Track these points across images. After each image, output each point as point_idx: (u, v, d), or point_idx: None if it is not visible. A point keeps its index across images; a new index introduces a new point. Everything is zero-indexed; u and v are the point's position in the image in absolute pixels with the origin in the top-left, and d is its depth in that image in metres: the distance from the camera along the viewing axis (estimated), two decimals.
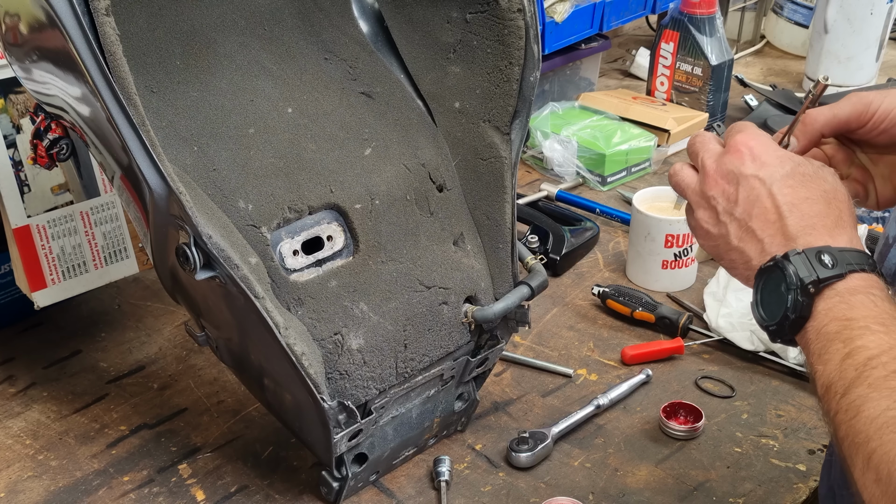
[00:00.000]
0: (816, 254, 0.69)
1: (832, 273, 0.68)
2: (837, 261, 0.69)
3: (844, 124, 0.80)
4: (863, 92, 0.80)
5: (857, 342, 0.65)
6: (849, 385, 0.64)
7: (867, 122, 0.79)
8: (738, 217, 0.75)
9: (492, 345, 1.01)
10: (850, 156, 0.84)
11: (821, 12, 1.89)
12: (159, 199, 0.77)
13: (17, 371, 1.16)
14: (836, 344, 0.66)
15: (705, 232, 0.78)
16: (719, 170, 0.76)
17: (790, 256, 0.70)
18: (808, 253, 0.69)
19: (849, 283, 0.68)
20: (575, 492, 0.98)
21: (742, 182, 0.75)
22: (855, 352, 0.65)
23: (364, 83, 1.00)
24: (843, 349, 0.66)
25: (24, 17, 0.77)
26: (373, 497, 0.98)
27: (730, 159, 0.76)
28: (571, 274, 1.36)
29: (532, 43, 0.94)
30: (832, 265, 0.68)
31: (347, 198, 0.92)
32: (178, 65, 0.90)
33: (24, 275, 1.08)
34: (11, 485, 0.99)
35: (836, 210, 0.73)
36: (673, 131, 1.65)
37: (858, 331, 0.66)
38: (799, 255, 0.69)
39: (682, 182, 0.80)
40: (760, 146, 0.75)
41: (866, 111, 0.79)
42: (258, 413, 1.09)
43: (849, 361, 0.65)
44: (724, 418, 1.09)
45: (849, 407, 0.63)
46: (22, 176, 1.06)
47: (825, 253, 0.69)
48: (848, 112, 0.79)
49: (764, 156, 0.75)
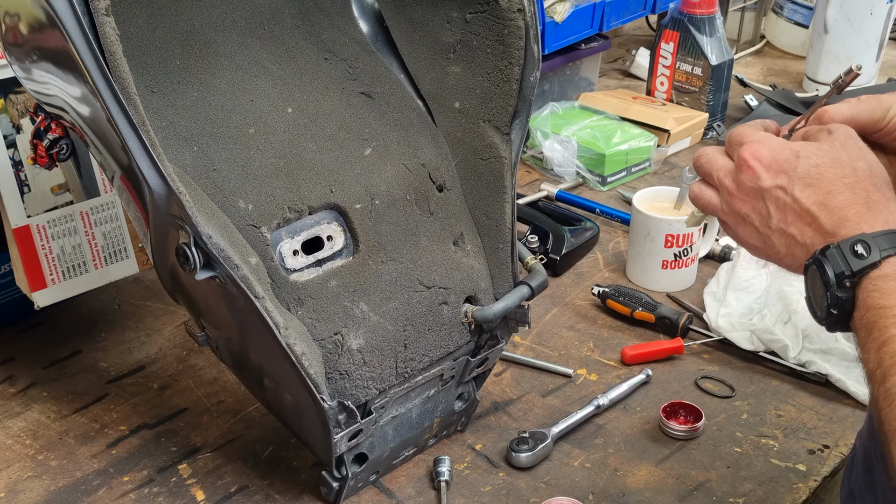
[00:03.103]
0: (851, 246, 0.69)
1: (866, 263, 0.69)
2: (871, 248, 0.69)
3: (862, 127, 0.80)
4: (882, 96, 0.80)
5: (893, 330, 0.66)
6: (885, 373, 0.65)
7: (884, 127, 0.79)
8: (775, 228, 0.76)
9: (492, 345, 1.01)
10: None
11: (821, 12, 1.90)
12: (159, 199, 0.77)
13: (17, 371, 1.16)
14: (873, 332, 0.67)
15: (753, 247, 0.79)
16: (741, 189, 0.77)
17: (826, 252, 0.70)
18: (843, 245, 0.70)
19: (883, 269, 0.68)
20: (575, 492, 0.98)
21: (766, 196, 0.75)
22: (891, 340, 0.66)
23: (364, 83, 1.00)
24: (880, 337, 0.66)
25: (24, 17, 0.77)
26: (373, 497, 0.98)
27: (746, 177, 0.76)
28: (571, 274, 1.36)
29: (532, 43, 0.94)
30: (866, 254, 0.69)
31: (347, 198, 0.92)
32: (178, 65, 0.90)
33: (24, 275, 1.08)
34: (11, 485, 0.99)
35: (863, 192, 0.72)
36: (673, 131, 1.65)
37: (893, 318, 0.66)
38: (834, 248, 0.70)
39: (710, 205, 0.81)
40: (767, 153, 0.76)
41: (884, 116, 0.79)
42: (258, 413, 1.09)
43: (885, 349, 0.66)
44: (724, 418, 1.09)
45: (886, 395, 0.64)
46: (22, 176, 1.06)
47: (859, 243, 0.69)
48: (866, 116, 0.79)
49: (774, 163, 0.75)
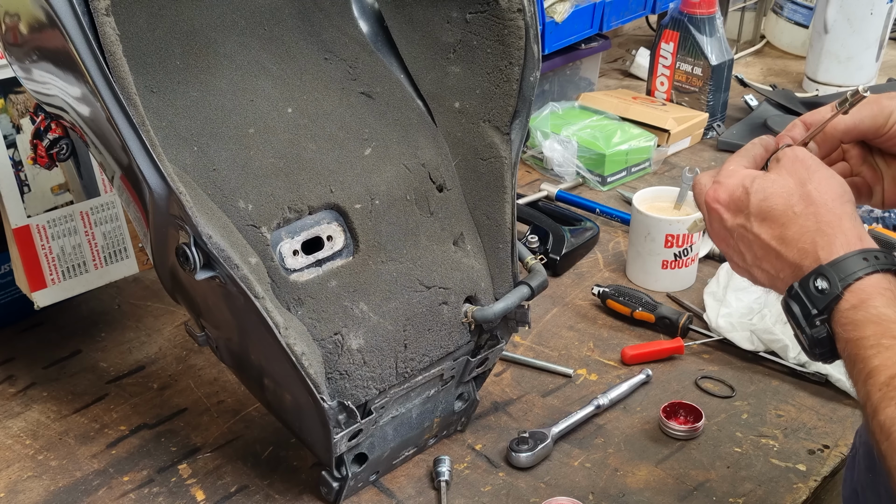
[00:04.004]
0: (812, 282, 0.69)
1: (828, 299, 0.68)
2: (830, 281, 0.68)
3: (863, 133, 0.80)
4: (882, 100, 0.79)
5: (874, 362, 0.65)
6: (876, 407, 0.64)
7: (886, 132, 0.79)
8: (752, 264, 0.76)
9: (492, 345, 1.01)
10: (864, 155, 0.84)
11: (821, 12, 1.90)
12: (159, 199, 0.77)
13: (17, 371, 1.16)
14: (857, 365, 0.66)
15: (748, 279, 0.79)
16: (713, 228, 0.79)
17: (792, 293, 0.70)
18: (802, 284, 0.69)
19: (849, 299, 0.68)
20: (575, 492, 0.98)
21: (734, 233, 0.76)
22: (874, 372, 0.65)
23: (364, 83, 1.00)
24: (864, 369, 0.66)
25: (24, 17, 0.77)
26: (373, 497, 0.98)
27: (712, 218, 0.78)
28: (571, 274, 1.36)
29: (532, 43, 0.94)
30: (827, 288, 0.68)
31: (347, 198, 0.92)
32: (178, 65, 0.90)
33: (24, 275, 1.08)
34: (11, 485, 0.99)
35: (813, 217, 0.72)
36: (673, 131, 1.65)
37: (871, 350, 0.65)
38: (794, 291, 0.70)
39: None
40: (724, 194, 0.76)
41: (886, 122, 0.79)
42: (258, 413, 1.09)
43: (871, 382, 0.65)
44: (724, 418, 1.09)
45: (880, 429, 0.63)
46: (22, 176, 1.06)
47: (818, 277, 0.68)
48: (868, 123, 0.79)
49: (731, 202, 0.76)
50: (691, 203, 1.29)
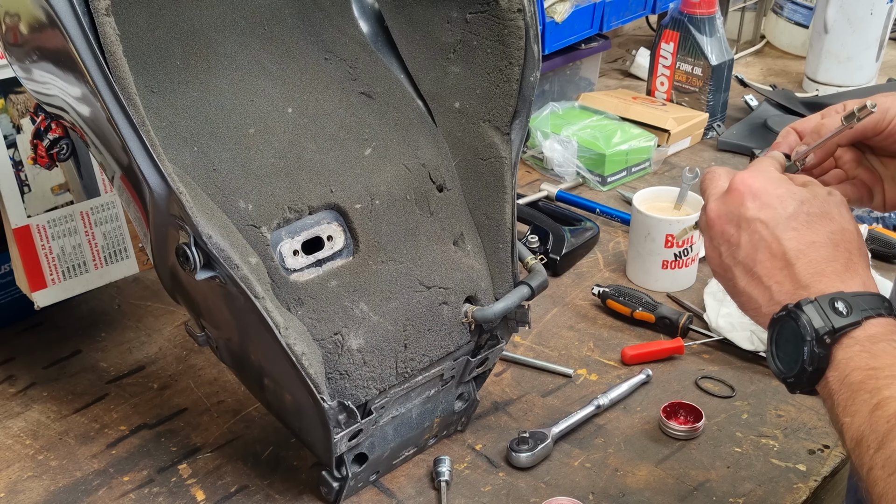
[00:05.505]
0: (830, 301, 0.66)
1: (848, 321, 0.66)
2: (852, 307, 0.66)
3: (861, 134, 0.79)
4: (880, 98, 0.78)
5: (885, 392, 0.62)
6: (882, 439, 0.61)
7: (883, 131, 0.78)
8: (741, 261, 0.73)
9: (492, 345, 1.01)
10: (859, 157, 0.83)
11: (821, 12, 1.90)
12: (159, 199, 0.77)
13: (17, 371, 1.16)
14: (862, 395, 0.64)
15: (714, 272, 0.77)
16: (720, 210, 0.74)
17: (802, 306, 0.67)
18: (821, 301, 0.66)
19: (867, 330, 0.66)
20: (575, 492, 0.98)
21: (744, 225, 0.72)
22: (884, 403, 0.62)
23: (364, 83, 1.00)
24: (870, 400, 0.63)
25: (24, 17, 0.77)
26: (373, 497, 0.98)
27: (730, 199, 0.74)
28: (571, 274, 1.36)
29: (532, 43, 0.94)
30: (847, 312, 0.66)
31: (347, 198, 0.92)
32: (178, 65, 0.90)
33: (24, 275, 1.08)
34: (11, 485, 0.99)
35: (845, 252, 0.70)
36: (673, 131, 1.65)
37: (885, 380, 0.63)
38: (812, 303, 0.67)
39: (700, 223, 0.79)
40: (761, 184, 0.73)
41: (883, 120, 0.78)
42: (258, 413, 1.09)
43: (879, 413, 0.62)
44: (724, 418, 1.09)
45: (885, 463, 0.60)
46: (22, 176, 1.06)
47: (838, 300, 0.66)
48: (864, 123, 0.77)
49: (765, 195, 0.72)
50: (691, 203, 1.29)
